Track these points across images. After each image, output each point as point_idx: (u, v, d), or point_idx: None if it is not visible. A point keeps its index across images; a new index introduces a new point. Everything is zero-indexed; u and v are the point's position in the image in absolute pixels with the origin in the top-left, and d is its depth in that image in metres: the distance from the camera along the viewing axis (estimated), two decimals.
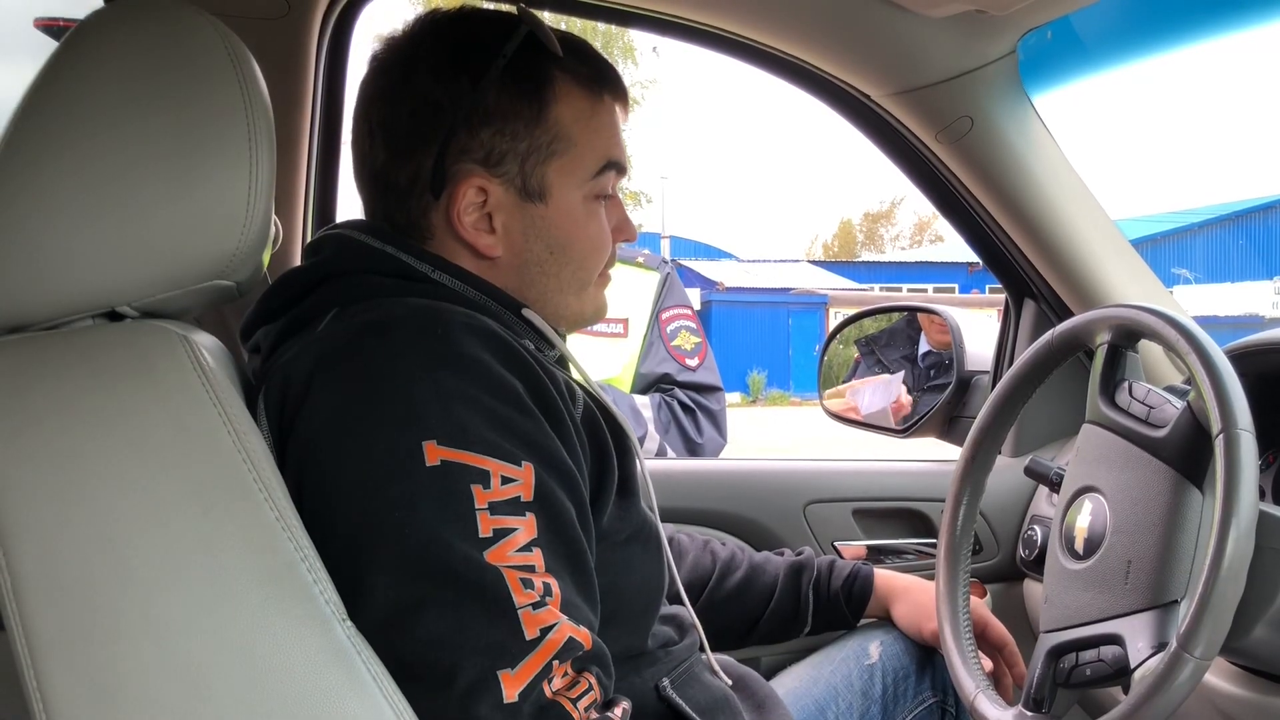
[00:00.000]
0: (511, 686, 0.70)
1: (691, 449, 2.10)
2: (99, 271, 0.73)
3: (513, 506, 0.74)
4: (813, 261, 27.76)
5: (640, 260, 2.25)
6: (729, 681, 1.05)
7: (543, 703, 0.71)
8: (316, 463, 0.76)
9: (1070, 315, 1.45)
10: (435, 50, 0.89)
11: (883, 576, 1.27)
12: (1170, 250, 20.37)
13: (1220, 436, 0.86)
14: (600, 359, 2.12)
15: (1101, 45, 1.40)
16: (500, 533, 0.73)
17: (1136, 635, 0.90)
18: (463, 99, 0.86)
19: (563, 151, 0.89)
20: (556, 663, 0.72)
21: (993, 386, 1.41)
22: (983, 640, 1.19)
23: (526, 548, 0.74)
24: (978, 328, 1.69)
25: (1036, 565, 1.15)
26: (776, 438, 10.73)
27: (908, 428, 1.70)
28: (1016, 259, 1.53)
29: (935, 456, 1.68)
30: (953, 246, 24.72)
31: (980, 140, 1.40)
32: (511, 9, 0.91)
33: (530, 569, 0.73)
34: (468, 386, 0.76)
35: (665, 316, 2.20)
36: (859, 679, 1.18)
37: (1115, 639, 0.92)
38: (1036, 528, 1.22)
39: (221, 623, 0.66)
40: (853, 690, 1.17)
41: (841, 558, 1.37)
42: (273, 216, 0.83)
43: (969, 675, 1.06)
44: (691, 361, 2.17)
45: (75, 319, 0.75)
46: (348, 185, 1.45)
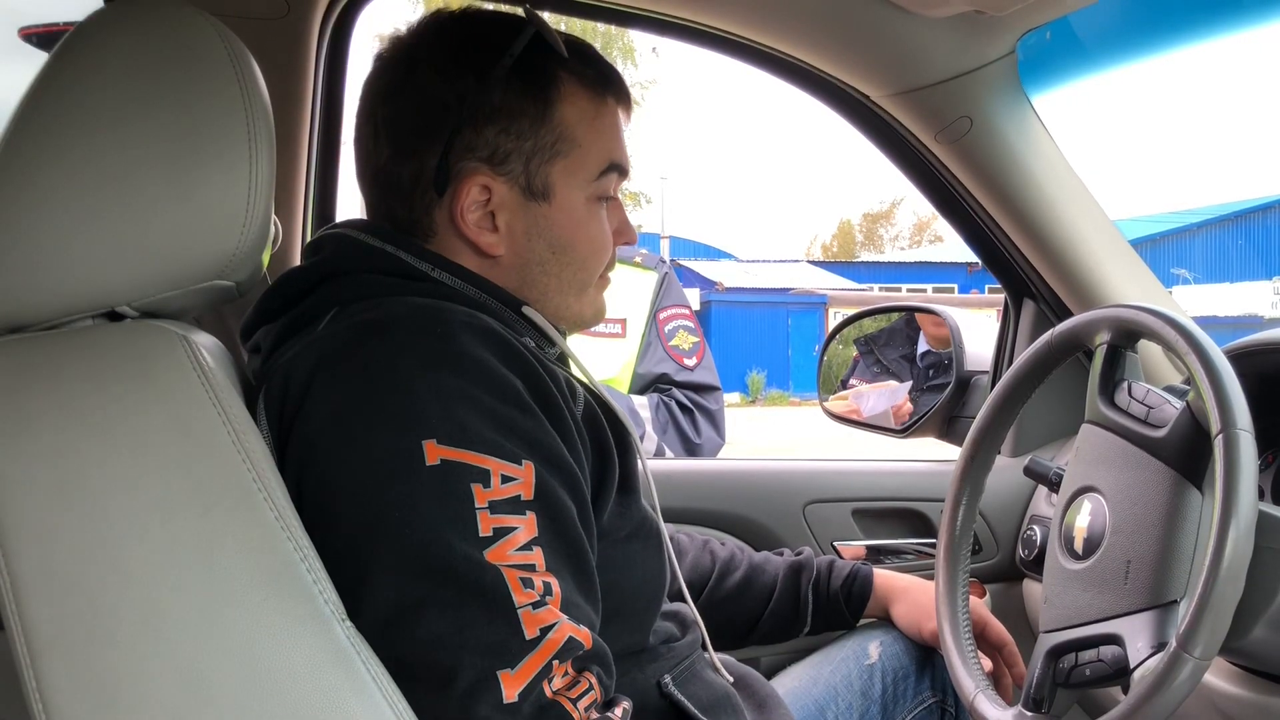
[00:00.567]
0: (511, 686, 0.70)
1: (690, 449, 2.10)
2: (99, 271, 0.73)
3: (513, 505, 0.74)
4: (812, 262, 27.76)
5: (638, 260, 2.24)
6: (730, 679, 1.05)
7: (543, 703, 0.71)
8: (317, 462, 0.76)
9: (1070, 315, 1.45)
10: (441, 48, 0.89)
11: (882, 576, 1.27)
12: (1169, 250, 20.37)
13: (1219, 436, 0.86)
14: (598, 359, 2.12)
15: (1101, 45, 1.40)
16: (500, 532, 0.73)
17: (1136, 635, 0.90)
18: (469, 97, 0.87)
19: (566, 152, 0.90)
20: (556, 662, 0.72)
21: (992, 386, 1.41)
22: (982, 640, 1.19)
23: (527, 547, 0.74)
24: (977, 328, 1.69)
25: (1036, 565, 1.16)
26: (776, 437, 10.72)
27: (907, 428, 1.70)
28: (1016, 259, 1.53)
29: (935, 456, 1.68)
30: (952, 247, 24.73)
31: (979, 140, 1.40)
32: (517, 10, 0.92)
33: (530, 568, 0.73)
34: (468, 385, 0.76)
35: (663, 316, 2.20)
36: (859, 679, 1.18)
37: (1115, 639, 0.92)
38: (1036, 528, 1.22)
39: (221, 622, 0.66)
40: (852, 690, 1.17)
41: (841, 558, 1.37)
42: (272, 216, 0.83)
43: (968, 675, 1.06)
44: (689, 361, 2.17)
45: (75, 319, 0.75)
46: (348, 185, 1.45)
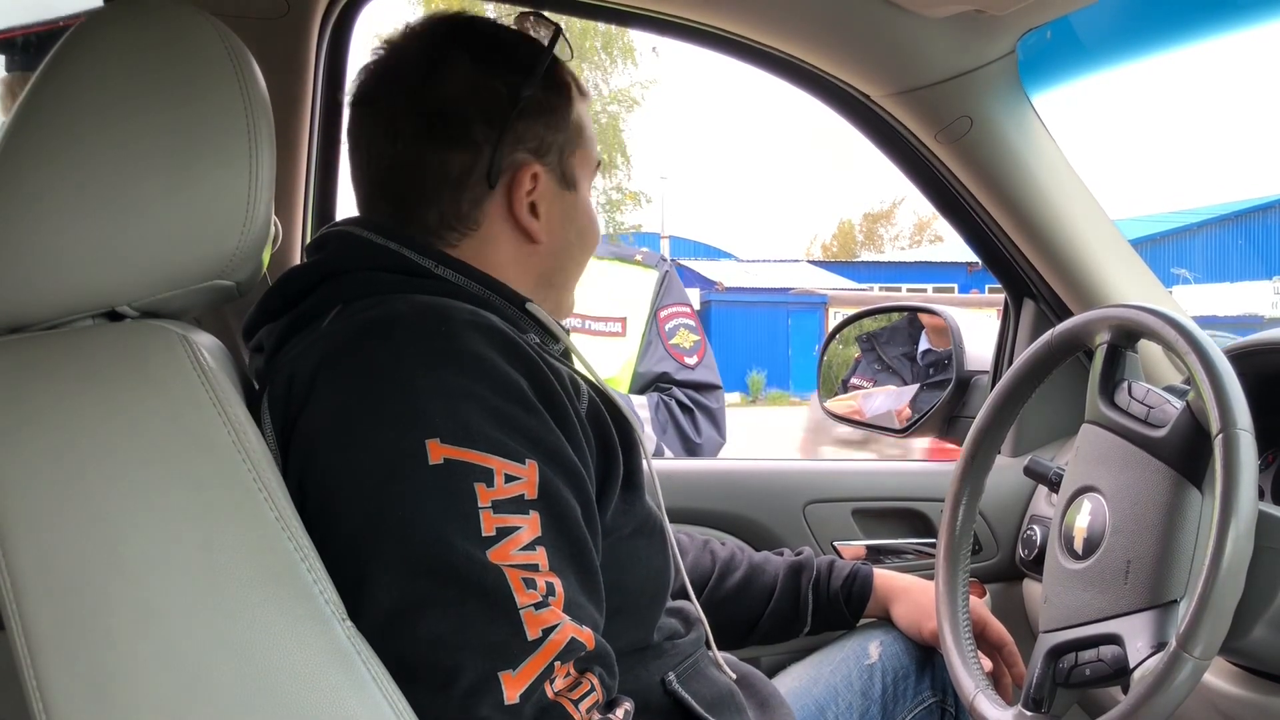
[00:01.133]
0: (513, 688, 0.70)
1: (690, 448, 2.10)
2: (99, 271, 0.73)
3: (516, 505, 0.74)
4: (812, 261, 27.75)
5: (638, 259, 2.24)
6: (734, 676, 1.05)
7: (544, 703, 0.71)
8: (319, 461, 0.76)
9: (1070, 315, 1.45)
10: (481, 43, 0.92)
11: (882, 576, 1.27)
12: (1170, 250, 20.37)
13: (1219, 436, 0.86)
14: (599, 358, 2.12)
15: (1101, 45, 1.40)
16: (503, 531, 0.73)
17: (1136, 635, 0.90)
18: (518, 91, 0.90)
19: (580, 145, 0.95)
20: (558, 663, 0.72)
21: (992, 386, 1.41)
22: (982, 640, 1.19)
23: (530, 546, 0.73)
24: (977, 328, 1.69)
25: (1036, 565, 1.16)
26: (776, 437, 10.72)
27: (908, 428, 1.70)
28: (1016, 259, 1.53)
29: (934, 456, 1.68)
30: (952, 246, 24.72)
31: (980, 140, 1.40)
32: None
33: (533, 568, 0.73)
34: (471, 384, 0.76)
35: (664, 315, 2.19)
36: (859, 679, 1.18)
37: (1114, 639, 0.92)
38: (1036, 527, 1.22)
39: (221, 622, 0.66)
40: (852, 690, 1.17)
41: (841, 558, 1.37)
42: (272, 216, 0.83)
43: (968, 675, 1.06)
44: (690, 360, 2.17)
45: (75, 319, 0.75)
46: (348, 185, 1.44)
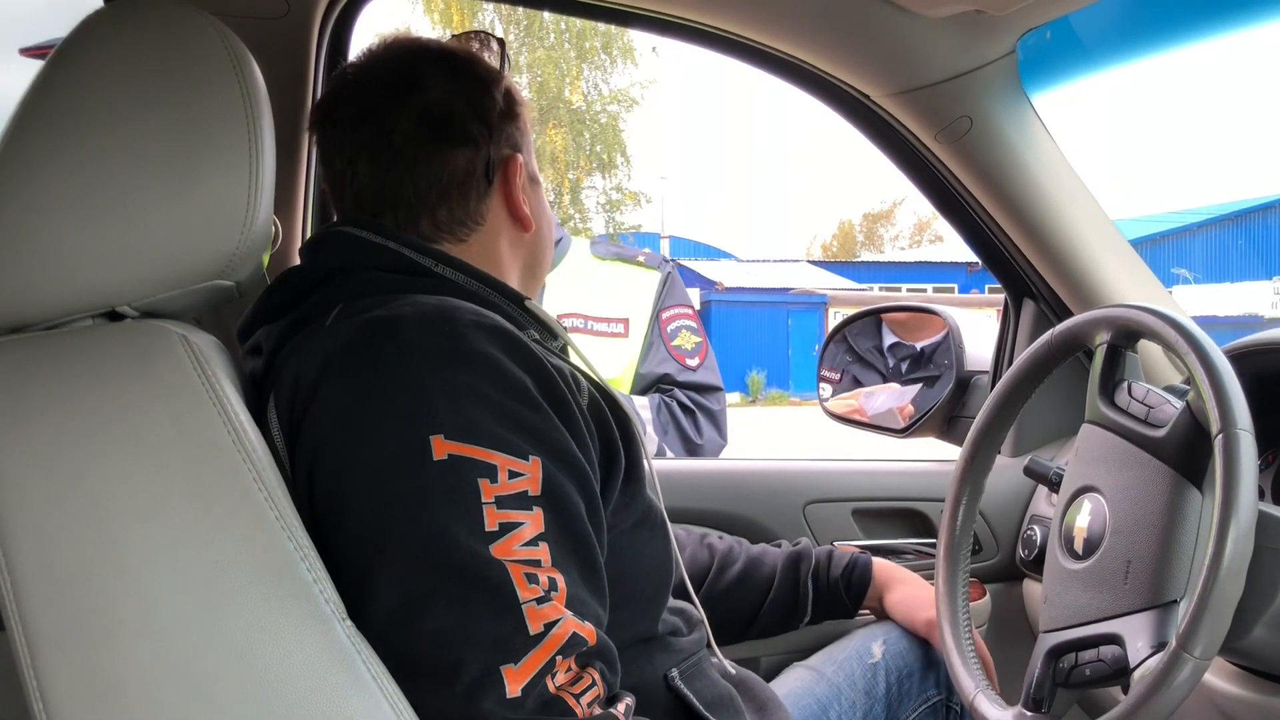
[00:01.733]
0: (515, 681, 0.70)
1: (691, 450, 2.10)
2: (99, 271, 0.73)
3: (520, 501, 0.74)
4: (812, 261, 27.75)
5: (641, 259, 2.24)
6: (733, 673, 1.05)
7: (546, 698, 0.71)
8: (326, 461, 0.77)
9: (1069, 315, 1.45)
10: (448, 58, 0.95)
11: (881, 565, 1.27)
12: (1169, 250, 20.37)
13: (1219, 436, 0.86)
14: (601, 359, 2.11)
15: (1101, 45, 1.40)
16: (506, 527, 0.73)
17: (1136, 635, 0.90)
18: (499, 94, 0.95)
19: (530, 145, 1.01)
20: (560, 658, 0.73)
21: (992, 386, 1.41)
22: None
23: (533, 542, 0.74)
24: (977, 328, 1.69)
25: (1036, 565, 1.16)
26: (775, 437, 10.72)
27: (907, 428, 1.70)
28: (1016, 259, 1.53)
29: (935, 456, 1.68)
30: (952, 246, 24.72)
31: (979, 140, 1.40)
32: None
33: (536, 564, 0.74)
34: (476, 382, 0.77)
35: (665, 316, 2.19)
36: (862, 678, 1.18)
37: (1115, 639, 0.92)
38: (1036, 528, 1.22)
39: (221, 622, 0.66)
40: (856, 689, 1.17)
41: None
42: (272, 216, 0.83)
43: (968, 675, 1.06)
44: (692, 361, 2.17)
45: (75, 319, 0.75)
46: None
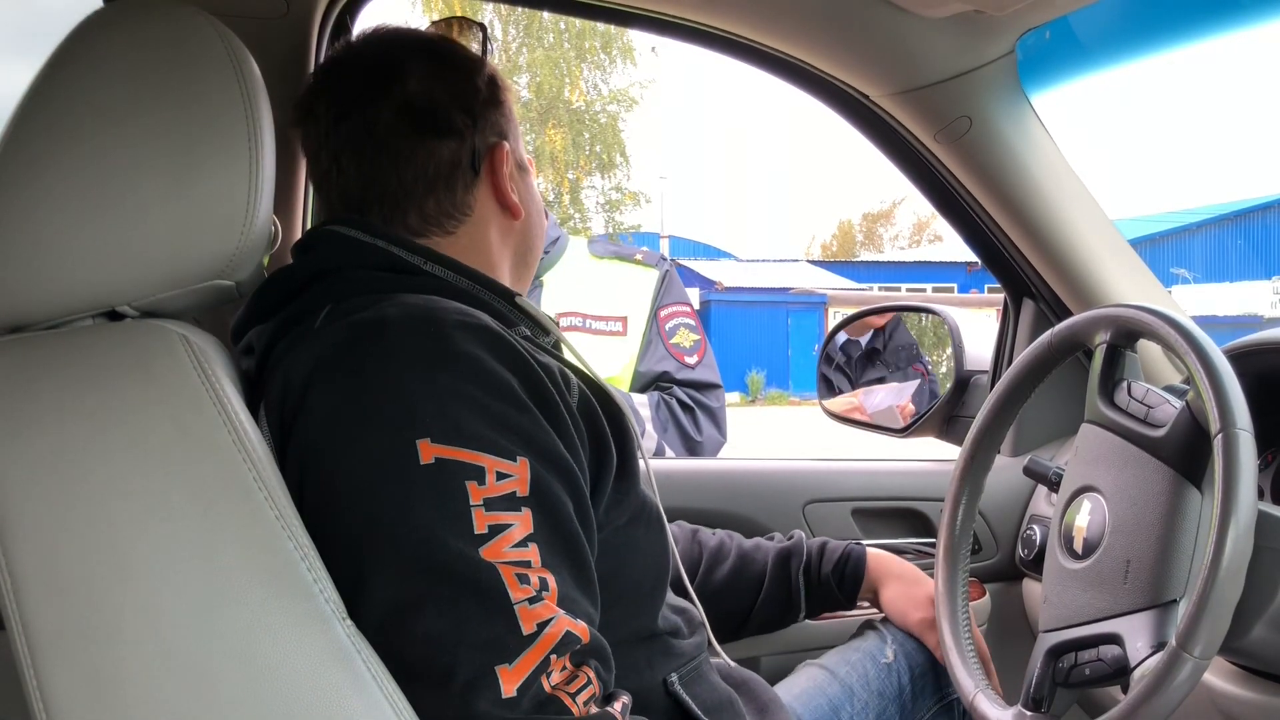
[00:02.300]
0: (509, 682, 0.70)
1: (690, 448, 2.10)
2: (99, 271, 0.73)
3: (508, 502, 0.74)
4: (812, 261, 27.75)
5: (639, 258, 2.24)
6: (736, 671, 1.05)
7: (542, 697, 0.71)
8: (315, 465, 0.77)
9: (1069, 315, 1.45)
10: (430, 47, 0.95)
11: (876, 557, 1.26)
12: (1169, 250, 20.37)
13: (1219, 436, 0.86)
14: (599, 357, 2.12)
15: (1100, 45, 1.40)
16: (495, 529, 0.73)
17: (1135, 635, 0.90)
18: (486, 83, 0.95)
19: (517, 132, 1.00)
20: (554, 657, 0.73)
21: (992, 386, 1.41)
22: None
23: (522, 543, 0.74)
24: (977, 327, 1.69)
25: (1035, 565, 1.16)
26: (775, 436, 10.73)
27: (907, 428, 1.70)
28: (1015, 259, 1.53)
29: (935, 456, 1.68)
30: (951, 246, 24.72)
31: (979, 140, 1.40)
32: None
33: (526, 564, 0.74)
34: (462, 384, 0.76)
35: (664, 314, 2.19)
36: (875, 679, 1.18)
37: (1114, 638, 0.92)
38: (1035, 527, 1.22)
39: (222, 621, 0.66)
40: (869, 690, 1.17)
41: None
42: (272, 216, 0.83)
43: (968, 675, 1.07)
44: (690, 359, 2.17)
45: (75, 319, 0.75)
46: None
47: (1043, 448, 1.57)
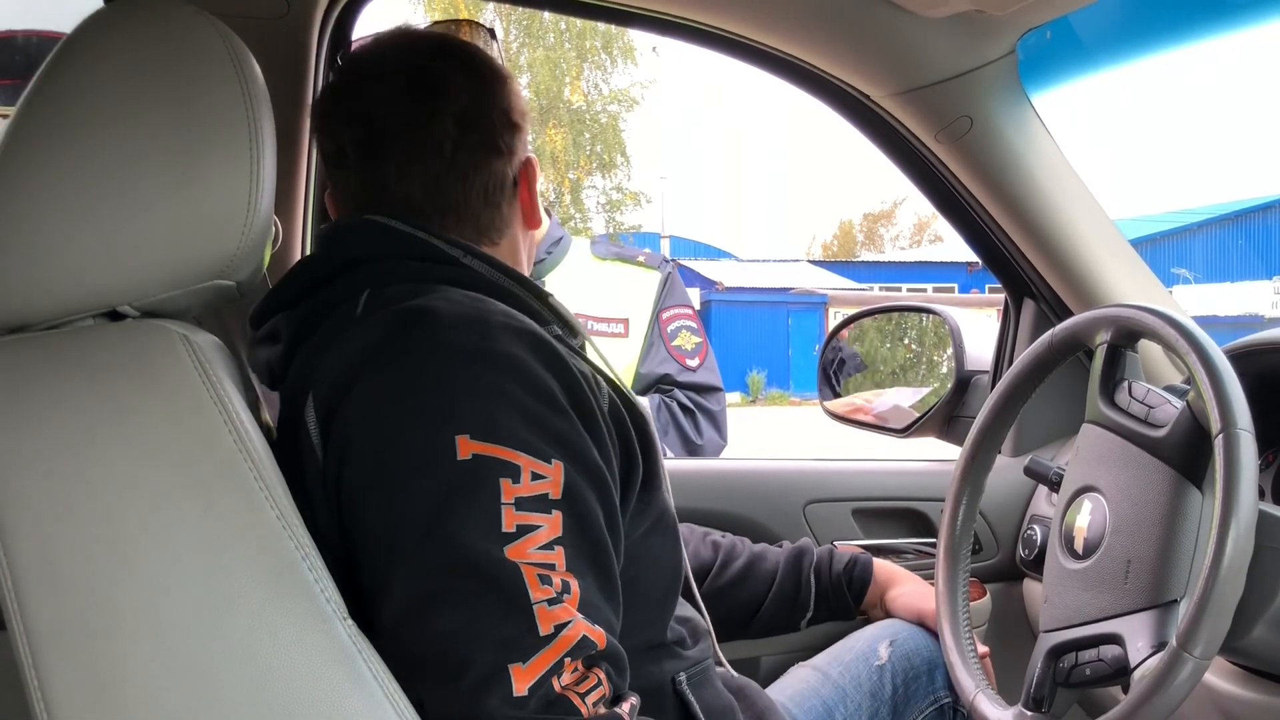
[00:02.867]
0: (521, 681, 0.71)
1: (691, 450, 2.10)
2: (100, 271, 0.73)
3: (539, 503, 0.75)
4: (812, 261, 27.75)
5: (641, 260, 2.24)
6: (735, 682, 1.05)
7: (551, 697, 0.72)
8: (353, 458, 0.78)
9: (1070, 315, 1.44)
10: (458, 56, 0.95)
11: (882, 565, 1.28)
12: (1170, 250, 20.36)
13: (1220, 436, 0.86)
14: None
15: (1101, 45, 1.40)
16: (523, 529, 0.74)
17: (1136, 635, 0.90)
18: (505, 90, 0.96)
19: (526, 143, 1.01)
20: (568, 659, 0.73)
21: (992, 386, 1.41)
22: None
23: (549, 545, 0.74)
24: (978, 328, 1.69)
25: (1036, 565, 1.16)
26: (775, 437, 10.72)
27: (907, 428, 1.70)
28: (1016, 259, 1.53)
29: (935, 456, 1.68)
30: (952, 246, 24.69)
31: (980, 140, 1.40)
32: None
33: (550, 566, 0.74)
34: (504, 383, 0.77)
35: (666, 316, 2.19)
36: (868, 680, 1.18)
37: (1115, 638, 0.92)
38: (1036, 527, 1.22)
39: (222, 621, 0.66)
40: (861, 691, 1.17)
41: None
42: (273, 216, 0.83)
43: (968, 675, 1.07)
44: (692, 362, 2.17)
45: (76, 319, 0.75)
46: None
47: (1043, 448, 1.57)
